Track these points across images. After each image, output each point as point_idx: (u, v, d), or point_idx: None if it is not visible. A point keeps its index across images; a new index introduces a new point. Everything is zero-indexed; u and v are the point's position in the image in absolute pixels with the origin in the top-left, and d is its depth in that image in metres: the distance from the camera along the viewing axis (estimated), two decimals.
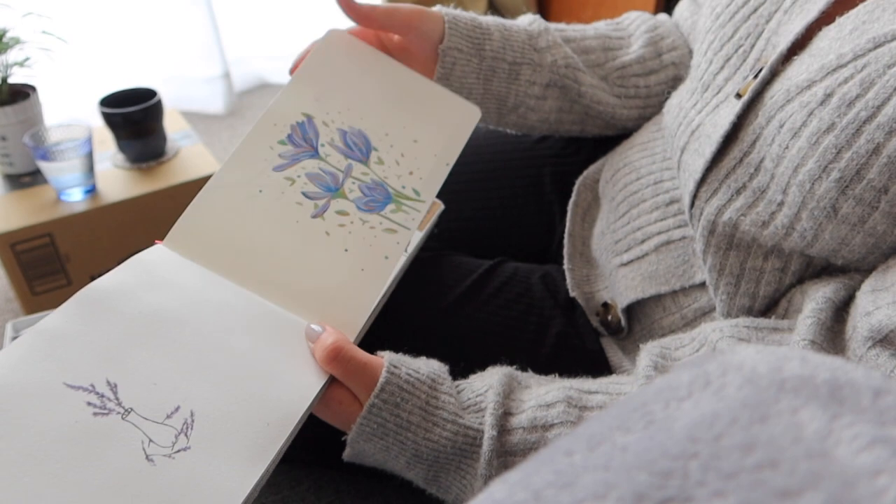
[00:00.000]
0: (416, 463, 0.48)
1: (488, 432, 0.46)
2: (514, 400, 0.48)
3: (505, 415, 0.47)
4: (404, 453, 0.47)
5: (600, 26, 0.70)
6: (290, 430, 0.42)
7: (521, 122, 0.68)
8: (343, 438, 0.48)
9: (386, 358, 0.47)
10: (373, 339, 0.53)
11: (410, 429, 0.46)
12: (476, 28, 0.63)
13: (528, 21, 0.66)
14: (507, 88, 0.65)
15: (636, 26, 0.70)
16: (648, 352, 0.48)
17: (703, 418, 0.17)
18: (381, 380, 0.46)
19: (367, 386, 0.46)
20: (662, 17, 0.72)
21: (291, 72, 0.61)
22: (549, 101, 0.66)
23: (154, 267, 0.48)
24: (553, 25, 0.68)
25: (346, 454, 0.49)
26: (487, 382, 0.48)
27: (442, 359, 0.51)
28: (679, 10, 0.73)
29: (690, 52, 0.69)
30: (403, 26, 0.60)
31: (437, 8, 0.63)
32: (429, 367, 0.49)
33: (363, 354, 0.47)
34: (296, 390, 0.44)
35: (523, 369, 0.52)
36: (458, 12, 0.63)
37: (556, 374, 0.52)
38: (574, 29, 0.68)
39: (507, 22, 0.66)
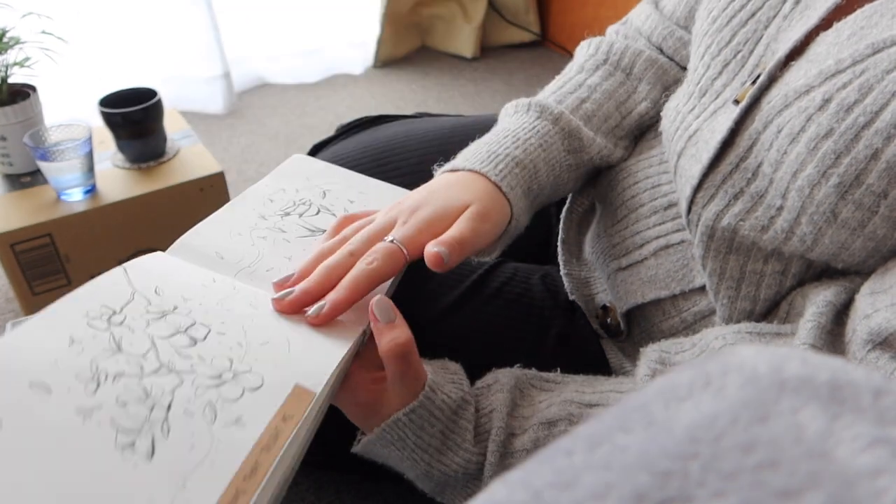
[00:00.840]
0: (426, 479, 0.49)
1: (489, 458, 0.46)
2: (518, 418, 0.48)
3: (509, 437, 0.47)
4: (415, 469, 0.48)
5: (600, 80, 0.65)
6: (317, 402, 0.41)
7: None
8: (360, 437, 0.49)
9: (428, 379, 0.46)
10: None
11: (428, 450, 0.47)
12: (526, 177, 0.56)
13: (554, 118, 0.60)
14: (546, 199, 0.61)
15: (629, 62, 0.66)
16: (647, 357, 0.48)
17: (703, 418, 0.17)
18: (415, 402, 0.46)
19: (407, 394, 0.46)
20: (641, 41, 0.68)
21: None
22: (579, 183, 0.65)
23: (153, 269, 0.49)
24: (566, 101, 0.62)
25: (356, 448, 0.49)
26: (492, 403, 0.48)
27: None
28: (647, 24, 0.69)
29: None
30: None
31: (500, 181, 0.54)
32: (459, 391, 0.48)
33: (420, 364, 0.46)
34: (316, 367, 0.43)
35: (525, 367, 0.52)
36: (502, 169, 0.55)
37: (559, 370, 0.52)
38: (582, 97, 0.63)
39: (540, 133, 0.58)
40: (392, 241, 0.49)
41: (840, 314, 0.44)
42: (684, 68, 0.67)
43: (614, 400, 0.47)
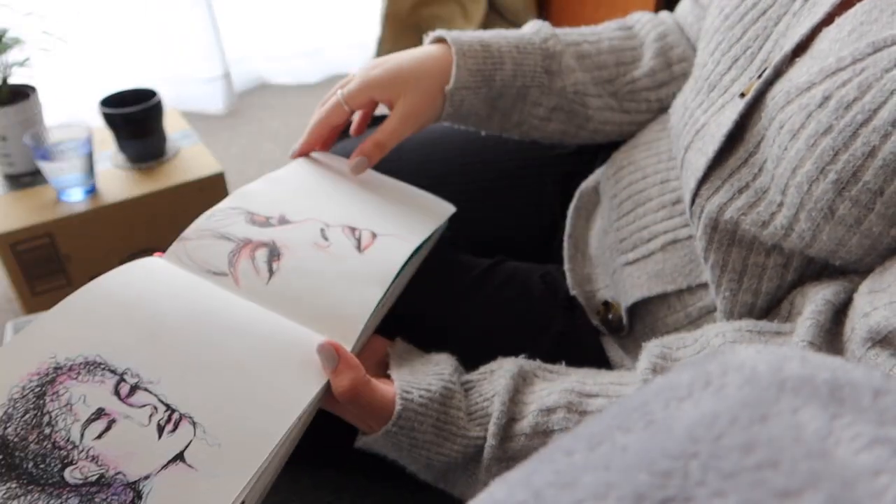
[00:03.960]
0: (428, 471, 0.49)
1: (489, 441, 0.47)
2: (519, 404, 0.48)
3: (509, 422, 0.47)
4: (416, 463, 0.49)
5: (613, 36, 0.68)
6: (281, 437, 0.42)
7: (525, 136, 0.68)
8: (357, 446, 0.49)
9: (396, 385, 0.48)
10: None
11: (424, 446, 0.47)
12: (487, 59, 0.61)
13: (543, 37, 0.64)
14: (512, 106, 0.64)
15: (646, 32, 0.69)
16: (649, 352, 0.48)
17: (703, 418, 0.17)
18: (398, 408, 0.46)
19: (383, 419, 0.47)
20: (668, 20, 0.71)
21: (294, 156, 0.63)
22: (553, 124, 0.65)
23: (155, 272, 0.49)
24: (567, 36, 0.65)
25: (359, 444, 0.50)
26: (494, 387, 0.49)
27: None
28: (681, 9, 0.72)
29: None
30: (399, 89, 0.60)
31: (441, 35, 0.61)
32: (440, 381, 0.49)
33: (378, 391, 0.47)
34: (290, 398, 0.44)
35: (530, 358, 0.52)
36: (466, 41, 0.61)
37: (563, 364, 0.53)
38: (589, 41, 0.66)
39: (523, 40, 0.63)
40: (338, 95, 0.61)
41: (838, 313, 0.44)
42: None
43: (614, 392, 0.47)
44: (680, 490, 0.15)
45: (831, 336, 0.43)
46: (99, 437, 0.40)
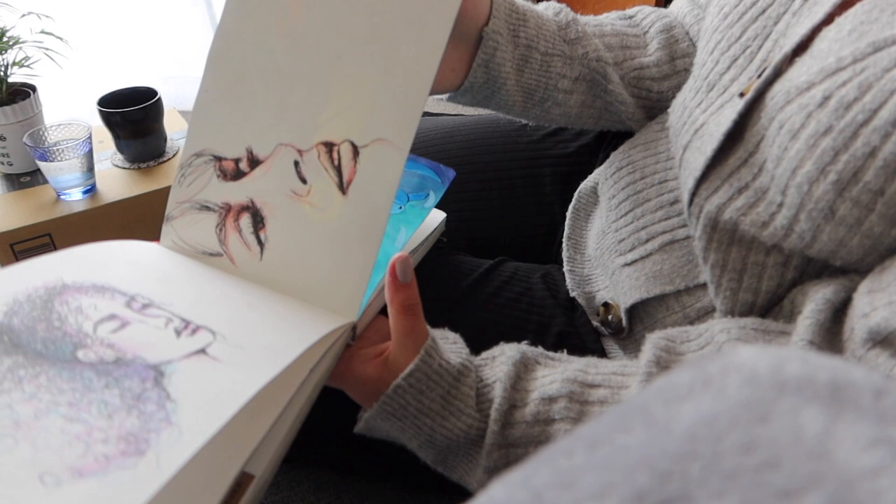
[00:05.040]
0: (429, 447, 0.49)
1: (491, 426, 0.47)
2: (520, 391, 0.48)
3: (510, 409, 0.48)
4: (419, 437, 0.49)
5: (616, 22, 0.69)
6: (301, 351, 0.41)
7: (543, 115, 0.67)
8: (360, 413, 0.49)
9: (427, 342, 0.48)
10: None
11: (430, 415, 0.47)
12: (513, 12, 0.61)
13: (554, 11, 0.65)
14: (537, 81, 0.63)
15: (650, 23, 0.69)
16: (653, 344, 0.48)
17: (703, 418, 0.17)
18: (412, 365, 0.47)
19: (413, 351, 0.47)
20: (673, 15, 0.71)
21: None
22: (575, 96, 0.65)
23: (156, 254, 0.50)
24: (583, 18, 0.66)
25: (359, 428, 0.50)
26: (495, 374, 0.49)
27: None
28: (677, 7, 0.72)
29: None
30: None
31: None
32: (459, 358, 0.49)
33: (424, 321, 0.48)
34: (308, 328, 0.44)
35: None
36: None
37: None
38: (592, 24, 0.67)
39: (538, 9, 0.64)
40: None
41: (838, 312, 0.44)
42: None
43: (617, 382, 0.47)
44: (680, 490, 0.15)
45: (831, 335, 0.43)
46: (113, 332, 0.39)
